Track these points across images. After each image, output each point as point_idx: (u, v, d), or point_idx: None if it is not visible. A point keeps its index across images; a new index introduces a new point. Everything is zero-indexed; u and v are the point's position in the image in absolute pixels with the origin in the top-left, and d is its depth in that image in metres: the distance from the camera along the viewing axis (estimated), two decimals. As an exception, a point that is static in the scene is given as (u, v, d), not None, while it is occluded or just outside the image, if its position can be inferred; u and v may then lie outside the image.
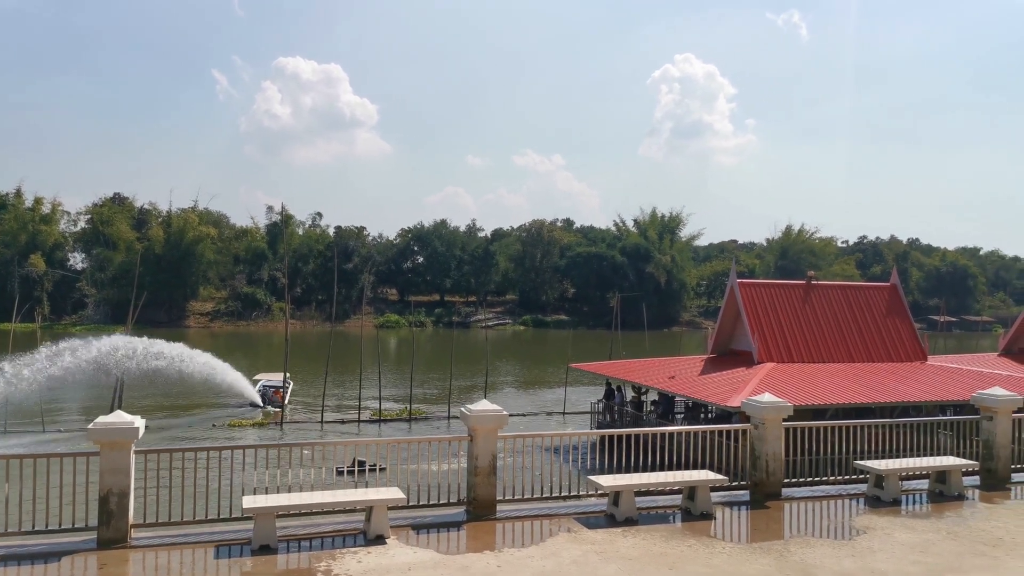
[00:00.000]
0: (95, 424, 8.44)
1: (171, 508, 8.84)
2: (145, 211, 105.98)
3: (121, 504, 8.40)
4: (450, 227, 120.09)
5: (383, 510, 8.87)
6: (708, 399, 23.38)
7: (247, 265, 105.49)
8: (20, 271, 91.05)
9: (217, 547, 8.48)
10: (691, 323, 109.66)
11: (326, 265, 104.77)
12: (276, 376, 41.32)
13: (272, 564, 8.12)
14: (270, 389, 40.14)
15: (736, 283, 29.08)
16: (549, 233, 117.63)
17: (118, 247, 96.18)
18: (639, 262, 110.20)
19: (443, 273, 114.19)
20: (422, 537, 9.00)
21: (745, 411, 11.49)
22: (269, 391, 40.04)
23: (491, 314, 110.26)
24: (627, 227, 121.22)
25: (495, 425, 9.80)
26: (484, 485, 9.74)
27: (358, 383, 37.35)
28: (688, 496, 10.28)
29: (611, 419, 30.05)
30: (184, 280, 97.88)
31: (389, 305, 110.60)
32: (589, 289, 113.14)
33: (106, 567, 7.91)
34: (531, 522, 9.67)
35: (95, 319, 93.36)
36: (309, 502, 8.97)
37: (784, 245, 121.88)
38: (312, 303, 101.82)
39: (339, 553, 8.35)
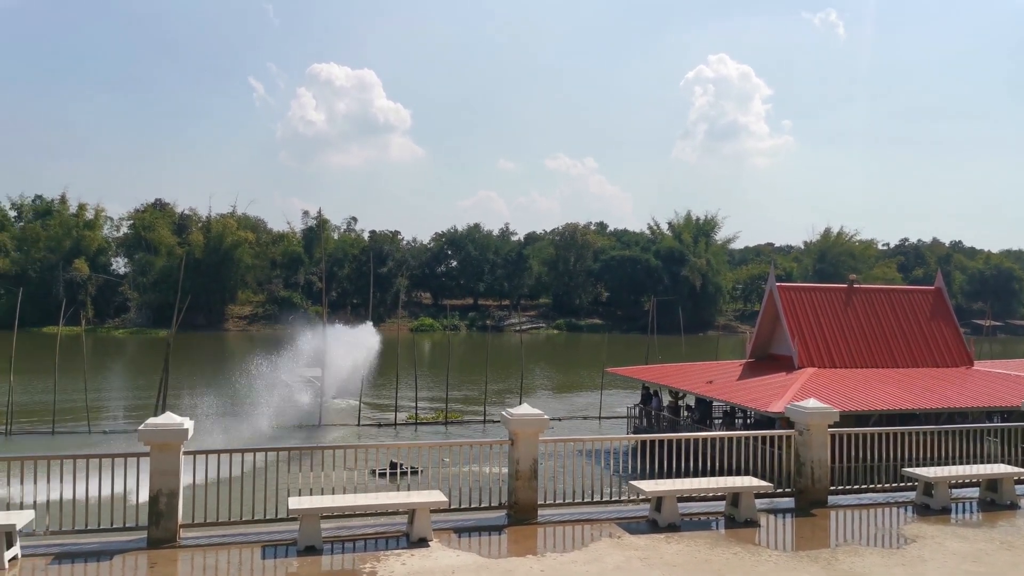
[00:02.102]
0: (145, 425, 8.61)
1: (219, 508, 8.98)
2: (185, 216, 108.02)
3: (170, 504, 8.55)
4: (483, 231, 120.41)
5: (426, 513, 8.91)
6: (748, 404, 23.08)
7: (284, 269, 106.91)
8: (65, 276, 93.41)
9: (264, 547, 8.59)
10: (727, 327, 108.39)
11: (361, 269, 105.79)
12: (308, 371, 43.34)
13: (317, 565, 8.20)
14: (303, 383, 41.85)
15: (775, 287, 28.69)
16: (582, 236, 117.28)
17: (159, 252, 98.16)
18: (674, 265, 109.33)
19: (476, 277, 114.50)
20: (464, 540, 9.01)
21: (789, 417, 11.32)
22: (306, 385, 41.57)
23: (524, 318, 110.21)
24: (661, 230, 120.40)
25: (536, 429, 9.79)
26: (525, 489, 9.73)
27: (394, 386, 37.58)
28: (732, 503, 10.15)
29: (648, 424, 29.84)
30: (223, 284, 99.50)
31: (423, 309, 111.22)
32: (623, 293, 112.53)
33: (156, 566, 8.06)
34: (572, 527, 9.63)
35: (137, 322, 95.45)
36: (353, 504, 9.05)
37: (823, 248, 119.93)
38: (347, 307, 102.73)
39: (383, 555, 8.40)
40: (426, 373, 43.22)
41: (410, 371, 40.27)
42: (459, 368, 49.00)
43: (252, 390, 46.73)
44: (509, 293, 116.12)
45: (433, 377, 46.28)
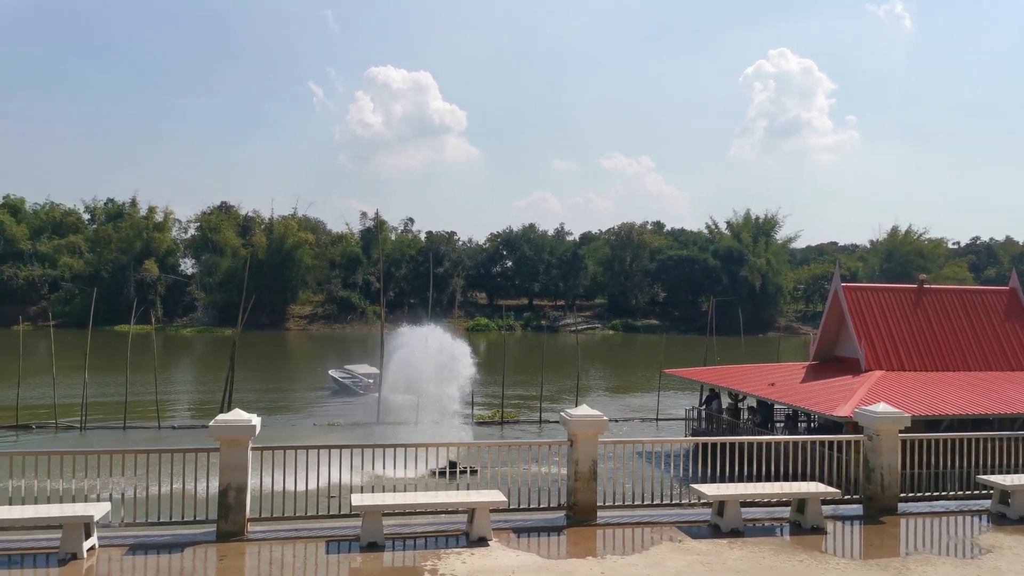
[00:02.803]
0: (216, 422, 8.87)
1: (284, 503, 9.19)
2: (249, 218, 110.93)
3: (239, 499, 8.79)
4: (538, 231, 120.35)
5: (485, 512, 8.96)
6: (812, 408, 22.50)
7: (342, 270, 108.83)
8: (136, 276, 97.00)
9: (327, 542, 8.76)
10: (788, 328, 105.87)
11: (418, 270, 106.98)
12: (360, 368, 46.18)
13: (379, 561, 8.32)
14: (355, 379, 45.09)
15: (840, 287, 27.90)
16: (639, 236, 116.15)
17: (224, 253, 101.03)
18: (732, 265, 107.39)
19: (531, 277, 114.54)
20: (523, 540, 9.02)
21: (858, 422, 10.99)
22: (357, 382, 44.65)
23: (580, 318, 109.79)
24: (719, 229, 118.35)
25: (596, 430, 9.74)
26: (584, 490, 9.69)
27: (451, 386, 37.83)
28: (797, 509, 9.91)
29: (707, 426, 29.38)
30: (284, 284, 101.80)
31: (478, 309, 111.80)
32: (680, 293, 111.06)
33: (225, 559, 8.29)
34: (632, 529, 9.55)
35: (204, 321, 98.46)
36: (413, 502, 9.16)
37: (889, 247, 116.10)
38: (404, 307, 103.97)
39: (443, 553, 8.47)
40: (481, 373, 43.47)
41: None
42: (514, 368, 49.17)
43: (314, 387, 48.03)
44: (564, 293, 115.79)
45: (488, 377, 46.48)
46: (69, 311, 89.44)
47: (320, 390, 46.94)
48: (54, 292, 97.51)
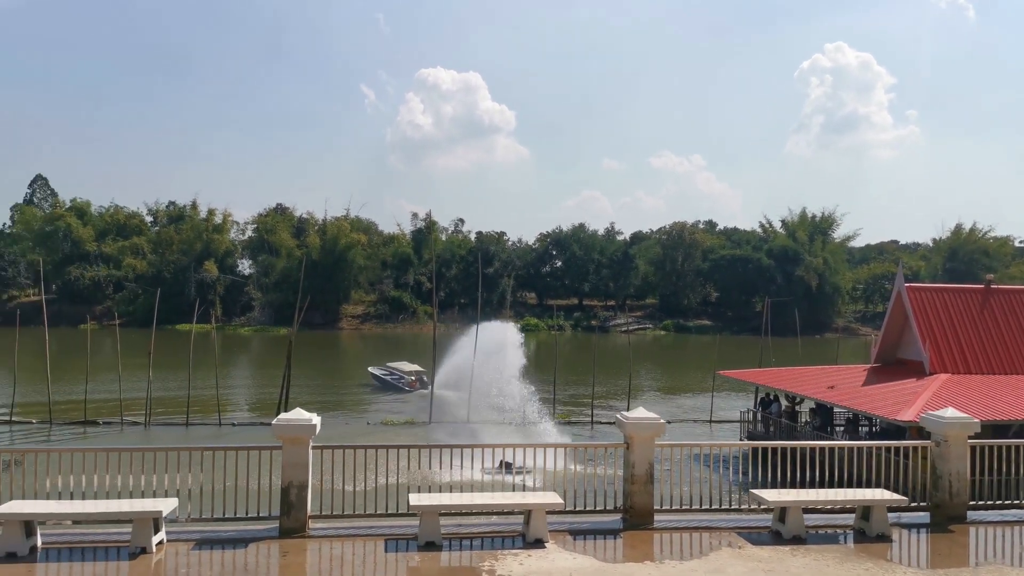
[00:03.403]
0: (278, 421, 9.05)
1: (344, 502, 9.34)
2: (303, 220, 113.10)
3: (300, 496, 8.96)
4: (588, 231, 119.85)
5: (542, 514, 8.94)
6: (875, 412, 21.88)
7: (394, 270, 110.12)
8: (196, 276, 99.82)
9: (386, 541, 8.86)
10: (847, 329, 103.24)
11: (468, 270, 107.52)
12: (404, 366, 47.98)
13: (437, 560, 8.39)
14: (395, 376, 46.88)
15: (904, 287, 27.07)
16: (690, 235, 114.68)
17: (280, 254, 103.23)
18: (788, 265, 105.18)
19: (581, 277, 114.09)
20: (579, 543, 8.98)
21: (925, 427, 10.65)
22: (399, 379, 46.41)
23: (631, 318, 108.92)
24: (774, 228, 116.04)
25: (652, 433, 9.64)
26: (641, 493, 9.60)
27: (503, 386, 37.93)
28: (862, 516, 9.65)
29: (764, 429, 28.83)
30: (338, 284, 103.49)
31: (528, 309, 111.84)
32: (733, 293, 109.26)
33: (288, 555, 8.46)
34: (691, 534, 9.42)
35: (261, 320, 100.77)
36: (470, 502, 9.21)
37: (953, 245, 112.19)
38: (455, 307, 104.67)
39: (500, 554, 8.49)
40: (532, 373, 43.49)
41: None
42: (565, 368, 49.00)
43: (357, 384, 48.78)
44: (615, 293, 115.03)
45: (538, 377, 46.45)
46: (133, 311, 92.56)
47: (362, 387, 47.86)
48: (118, 292, 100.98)
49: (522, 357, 37.51)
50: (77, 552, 8.39)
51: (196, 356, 39.20)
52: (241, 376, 55.20)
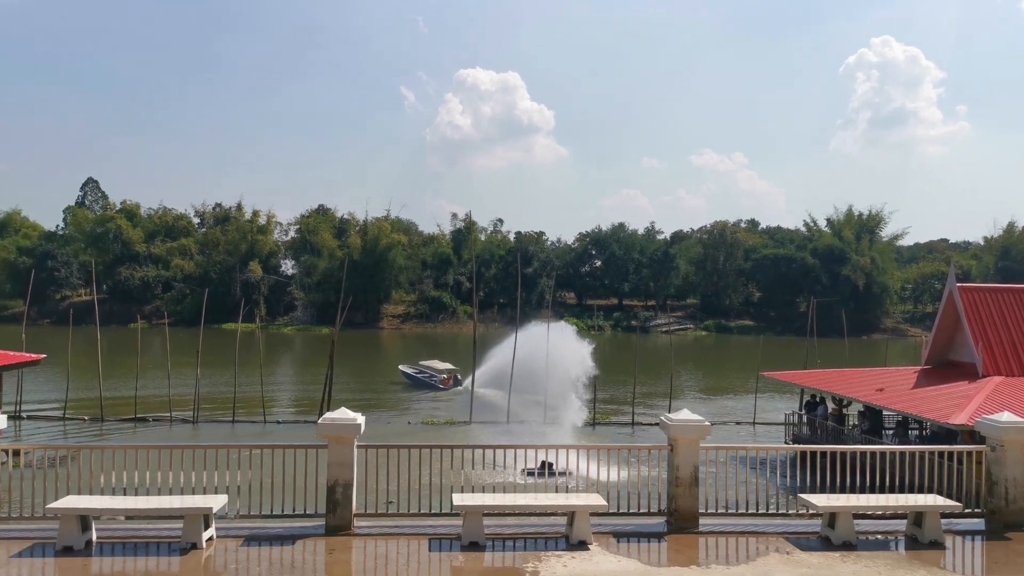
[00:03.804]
0: (323, 420, 9.16)
1: (388, 500, 9.41)
2: (345, 220, 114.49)
3: (345, 494, 9.06)
4: (628, 230, 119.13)
5: (585, 516, 8.90)
6: (925, 415, 21.32)
7: (434, 270, 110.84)
8: (241, 277, 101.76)
9: (430, 540, 8.91)
10: (895, 330, 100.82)
11: (507, 270, 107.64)
12: (437, 364, 48.84)
13: (480, 560, 8.40)
14: (425, 374, 47.83)
15: (955, 287, 26.31)
16: (732, 234, 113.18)
17: (322, 254, 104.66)
18: (833, 264, 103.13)
19: (621, 277, 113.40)
20: (623, 545, 8.92)
21: (980, 431, 10.34)
22: (432, 377, 47.34)
23: (671, 318, 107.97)
24: (819, 227, 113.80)
25: (697, 436, 9.52)
26: (685, 496, 9.49)
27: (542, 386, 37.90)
28: (914, 522, 9.40)
29: (811, 432, 28.29)
30: (378, 284, 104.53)
31: (567, 309, 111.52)
32: (776, 293, 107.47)
33: (334, 552, 8.56)
34: (736, 538, 9.29)
35: (303, 320, 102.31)
36: (513, 503, 9.20)
37: (1005, 244, 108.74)
38: (494, 306, 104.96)
39: (544, 555, 8.47)
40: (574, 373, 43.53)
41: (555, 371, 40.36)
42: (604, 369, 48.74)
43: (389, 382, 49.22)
44: (655, 293, 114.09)
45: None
46: (181, 310, 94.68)
47: (393, 384, 48.42)
48: (167, 292, 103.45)
49: (591, 362, 37.56)
50: (130, 547, 8.60)
51: (241, 355, 39.94)
52: (284, 375, 56.10)
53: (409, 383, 48.42)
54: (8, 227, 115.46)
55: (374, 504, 9.56)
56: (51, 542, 8.50)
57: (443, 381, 47.08)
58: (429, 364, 49.84)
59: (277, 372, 55.18)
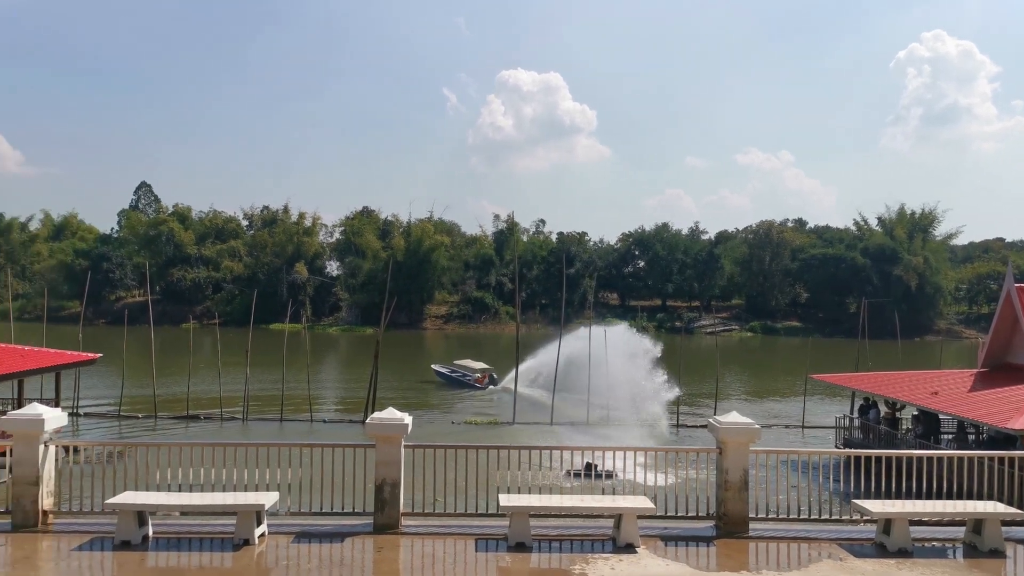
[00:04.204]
0: (372, 420, 9.26)
1: (435, 500, 9.47)
2: (388, 222, 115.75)
3: (393, 493, 9.14)
4: (671, 230, 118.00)
5: (633, 519, 8.83)
6: (982, 419, 20.66)
7: (476, 271, 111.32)
8: (288, 278, 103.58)
9: (476, 540, 8.93)
10: (949, 332, 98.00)
11: (549, 270, 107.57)
12: (472, 363, 49.83)
13: (527, 561, 8.39)
14: (459, 373, 48.82)
15: (1013, 287, 25.45)
16: (779, 234, 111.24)
17: (366, 255, 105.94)
18: (884, 264, 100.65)
19: (665, 277, 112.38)
20: (671, 549, 8.82)
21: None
22: (465, 376, 48.33)
23: (716, 319, 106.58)
24: (869, 226, 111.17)
25: (747, 439, 9.37)
26: (735, 501, 9.34)
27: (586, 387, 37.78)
28: (973, 529, 9.11)
29: (863, 436, 27.63)
30: (422, 285, 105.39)
31: (610, 309, 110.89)
32: (825, 294, 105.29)
33: (383, 550, 8.65)
34: (788, 544, 9.11)
35: (348, 320, 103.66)
36: (559, 504, 9.17)
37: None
38: (536, 307, 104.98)
39: (591, 557, 8.42)
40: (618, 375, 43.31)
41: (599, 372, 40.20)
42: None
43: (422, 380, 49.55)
44: (699, 294, 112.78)
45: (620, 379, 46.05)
46: (230, 310, 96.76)
47: (426, 383, 48.86)
48: (217, 293, 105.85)
49: (657, 368, 37.59)
50: (185, 542, 8.81)
51: (288, 355, 40.63)
52: (329, 374, 56.89)
53: (443, 382, 49.02)
54: (65, 230, 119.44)
55: (420, 503, 9.62)
56: (109, 536, 8.75)
57: (478, 380, 47.82)
58: (463, 363, 50.62)
59: (322, 372, 55.98)
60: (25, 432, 9.05)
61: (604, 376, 36.08)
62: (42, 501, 9.14)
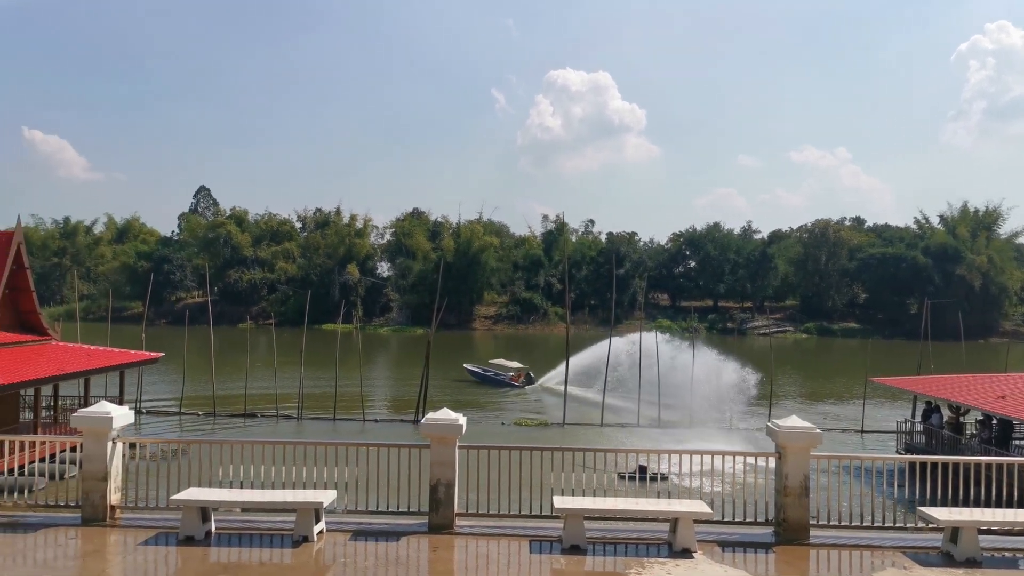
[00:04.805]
0: (427, 420, 9.33)
1: (489, 500, 9.49)
2: (438, 223, 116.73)
3: (448, 494, 9.20)
4: (723, 230, 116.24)
5: (689, 523, 8.72)
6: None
7: (525, 271, 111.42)
8: (340, 279, 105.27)
9: (531, 542, 8.93)
10: (1015, 333, 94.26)
11: (598, 271, 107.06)
12: (506, 363, 51.32)
13: (582, 564, 8.35)
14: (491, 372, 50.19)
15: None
16: (835, 233, 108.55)
17: (416, 256, 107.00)
18: (946, 263, 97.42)
19: (716, 278, 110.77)
20: (728, 555, 8.68)
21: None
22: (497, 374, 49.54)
23: (769, 320, 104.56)
24: (930, 224, 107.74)
25: (808, 443, 9.16)
26: (795, 507, 9.14)
27: (636, 388, 37.48)
28: (1048, 540, 8.75)
29: (926, 441, 26.77)
30: (471, 286, 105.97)
31: (660, 310, 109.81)
32: (883, 294, 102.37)
33: (438, 550, 8.71)
34: (850, 552, 8.88)
35: (399, 321, 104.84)
36: (614, 507, 9.10)
37: None
38: (585, 308, 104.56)
39: (646, 562, 8.34)
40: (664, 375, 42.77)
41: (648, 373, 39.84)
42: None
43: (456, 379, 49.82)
44: (752, 295, 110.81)
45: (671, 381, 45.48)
46: (284, 311, 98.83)
47: (459, 382, 49.36)
48: (272, 294, 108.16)
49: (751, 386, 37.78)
50: (246, 538, 9.01)
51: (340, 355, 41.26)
52: (379, 374, 57.59)
53: (476, 380, 49.99)
54: (128, 233, 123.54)
55: (474, 504, 9.66)
56: (174, 532, 9.01)
57: (512, 378, 48.84)
58: (498, 363, 51.99)
59: (372, 372, 56.70)
60: (95, 429, 9.37)
61: (687, 379, 36.25)
62: (110, 496, 9.45)
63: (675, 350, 43.14)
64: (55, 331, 29.57)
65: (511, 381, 48.68)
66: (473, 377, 50.70)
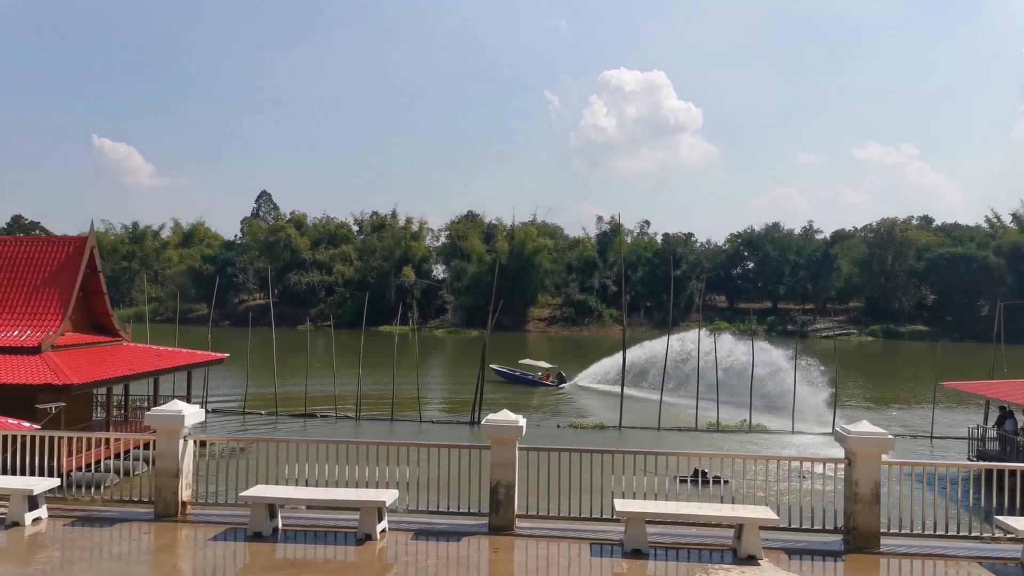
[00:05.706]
0: (487, 421, 9.35)
1: (549, 503, 9.46)
2: (492, 226, 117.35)
3: (508, 495, 9.20)
4: (783, 230, 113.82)
5: (755, 529, 8.53)
6: None
7: (579, 273, 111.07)
8: (396, 281, 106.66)
9: (591, 545, 8.86)
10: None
11: (654, 272, 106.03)
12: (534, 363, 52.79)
13: (644, 569, 8.24)
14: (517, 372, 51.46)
15: None
16: (902, 233, 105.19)
17: (471, 259, 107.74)
18: (1020, 263, 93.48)
19: (776, 279, 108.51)
20: (795, 563, 8.46)
21: None
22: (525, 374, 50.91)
23: (832, 322, 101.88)
24: (1002, 223, 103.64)
25: (879, 449, 8.87)
26: (865, 514, 8.86)
27: (694, 391, 36.97)
28: None
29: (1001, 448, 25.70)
30: (525, 288, 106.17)
31: (718, 312, 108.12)
32: (953, 295, 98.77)
33: (499, 551, 8.72)
34: (923, 561, 8.56)
35: (453, 323, 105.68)
36: (677, 512, 8.97)
37: None
38: (640, 310, 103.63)
39: (711, 568, 8.19)
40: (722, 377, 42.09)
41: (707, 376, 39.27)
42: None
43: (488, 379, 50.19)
44: (813, 296, 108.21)
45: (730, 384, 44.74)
46: (342, 313, 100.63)
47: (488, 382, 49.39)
48: (330, 296, 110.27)
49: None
50: (311, 535, 9.18)
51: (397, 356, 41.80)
52: (435, 375, 58.14)
53: (504, 380, 50.90)
54: (193, 237, 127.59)
55: (534, 505, 9.64)
56: (242, 527, 9.23)
57: (542, 377, 50.16)
58: (526, 363, 53.50)
59: (428, 373, 57.27)
60: (168, 427, 9.68)
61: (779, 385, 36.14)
62: (181, 492, 9.74)
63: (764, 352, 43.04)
64: (125, 332, 30.72)
65: (541, 380, 49.65)
66: (501, 377, 51.40)
